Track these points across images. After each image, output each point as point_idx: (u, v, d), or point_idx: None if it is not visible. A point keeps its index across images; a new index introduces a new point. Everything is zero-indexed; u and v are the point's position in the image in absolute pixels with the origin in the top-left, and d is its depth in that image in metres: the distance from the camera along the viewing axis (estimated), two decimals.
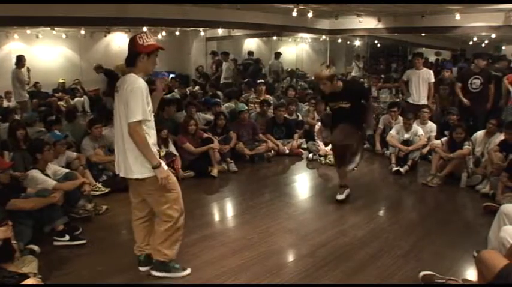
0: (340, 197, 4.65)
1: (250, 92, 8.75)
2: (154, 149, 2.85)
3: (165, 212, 2.92)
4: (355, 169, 4.78)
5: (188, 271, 3.14)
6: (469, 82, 6.67)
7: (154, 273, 3.08)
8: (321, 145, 6.43)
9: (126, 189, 4.75)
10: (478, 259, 2.46)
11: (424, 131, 6.20)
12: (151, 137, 2.84)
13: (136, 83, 2.72)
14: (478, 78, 6.63)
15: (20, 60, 8.16)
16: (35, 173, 4.00)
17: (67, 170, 4.35)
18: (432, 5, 7.63)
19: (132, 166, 2.80)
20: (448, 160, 5.35)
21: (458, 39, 11.77)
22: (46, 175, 4.07)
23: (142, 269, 3.16)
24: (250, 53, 13.03)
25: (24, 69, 8.26)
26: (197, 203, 4.59)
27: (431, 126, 6.43)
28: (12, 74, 8.22)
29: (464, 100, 6.66)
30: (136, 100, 2.68)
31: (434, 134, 6.36)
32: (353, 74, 12.26)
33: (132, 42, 2.79)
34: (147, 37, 2.79)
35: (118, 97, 2.83)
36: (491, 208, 4.11)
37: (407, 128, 6.13)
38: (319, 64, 11.72)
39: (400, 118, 6.51)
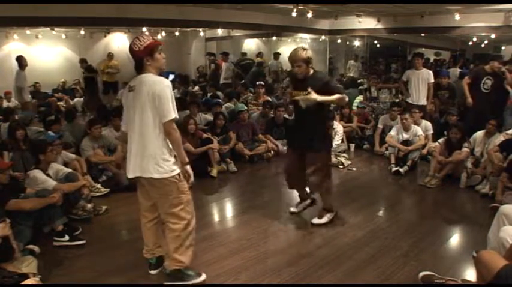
0: (292, 209, 4.38)
1: (247, 93, 8.75)
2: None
3: (178, 213, 2.88)
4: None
5: (203, 276, 3.07)
6: (482, 82, 6.63)
7: (169, 284, 3.01)
8: None
9: (126, 189, 4.82)
10: (477, 259, 2.46)
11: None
12: None
13: (162, 83, 2.73)
14: (490, 79, 6.60)
15: (22, 60, 8.18)
16: (37, 173, 4.01)
17: (69, 170, 4.36)
18: (432, 5, 7.63)
19: (152, 166, 2.77)
20: (446, 163, 5.38)
21: (457, 39, 11.78)
22: (47, 175, 4.08)
23: (153, 272, 3.14)
24: (244, 54, 13.05)
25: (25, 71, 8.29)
26: (196, 204, 4.50)
27: (426, 125, 6.44)
28: (16, 75, 8.23)
29: (469, 99, 6.62)
30: (168, 99, 2.70)
31: (431, 132, 6.37)
32: (351, 74, 12.25)
33: (132, 52, 2.79)
34: (140, 40, 2.76)
35: (134, 97, 2.79)
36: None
37: (407, 128, 6.14)
38: (318, 64, 11.71)
39: (398, 117, 6.52)
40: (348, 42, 13.19)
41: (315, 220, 4.11)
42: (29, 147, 4.68)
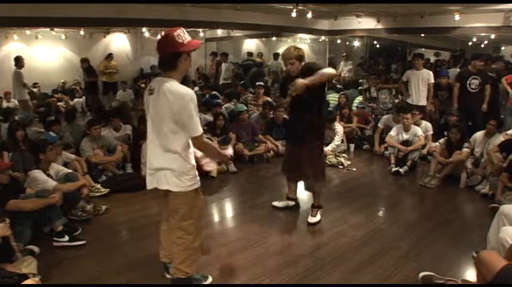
0: (275, 203, 4.56)
1: (247, 93, 8.74)
2: (193, 158, 2.73)
3: (185, 227, 2.77)
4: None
5: (210, 279, 3.05)
6: (468, 82, 6.73)
7: (169, 284, 2.97)
8: None
9: (126, 190, 4.84)
10: (477, 259, 2.46)
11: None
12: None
13: (186, 96, 2.50)
14: (477, 79, 6.68)
15: (20, 60, 8.22)
16: (37, 173, 4.00)
17: (69, 171, 4.36)
18: (432, 5, 7.64)
19: (169, 178, 2.63)
20: (446, 163, 5.39)
21: (457, 39, 11.80)
22: (48, 175, 4.08)
23: (169, 276, 3.05)
24: (250, 53, 13.01)
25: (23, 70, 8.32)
26: None
27: (426, 125, 6.44)
28: (13, 74, 8.25)
29: (455, 104, 6.80)
30: (193, 114, 2.51)
31: (431, 132, 6.38)
32: (343, 74, 12.25)
33: (171, 43, 2.52)
34: (184, 33, 2.54)
35: (153, 103, 2.62)
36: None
37: (407, 128, 6.14)
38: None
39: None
40: (347, 43, 13.20)
41: (312, 219, 4.15)
42: (28, 147, 4.67)
